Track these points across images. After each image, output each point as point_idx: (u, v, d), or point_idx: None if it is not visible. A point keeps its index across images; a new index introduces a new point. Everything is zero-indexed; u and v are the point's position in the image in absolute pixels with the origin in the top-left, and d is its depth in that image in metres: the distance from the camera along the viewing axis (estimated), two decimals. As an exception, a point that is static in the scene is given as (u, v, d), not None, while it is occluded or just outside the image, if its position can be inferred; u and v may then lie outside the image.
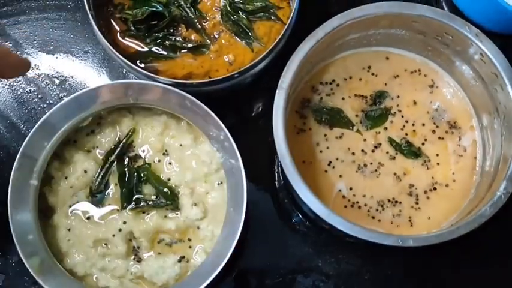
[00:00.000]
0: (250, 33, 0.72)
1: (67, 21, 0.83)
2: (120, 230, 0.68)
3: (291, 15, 0.69)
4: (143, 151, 0.71)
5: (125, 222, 0.69)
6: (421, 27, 0.70)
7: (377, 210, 0.71)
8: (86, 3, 0.69)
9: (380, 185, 0.72)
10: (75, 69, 0.82)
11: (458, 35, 0.68)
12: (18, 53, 0.82)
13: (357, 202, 0.71)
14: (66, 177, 0.70)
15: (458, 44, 0.69)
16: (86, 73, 0.82)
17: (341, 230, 0.61)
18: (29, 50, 0.82)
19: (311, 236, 0.76)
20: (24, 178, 0.66)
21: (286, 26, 0.68)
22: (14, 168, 0.65)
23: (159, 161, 0.71)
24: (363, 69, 0.75)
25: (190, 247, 0.69)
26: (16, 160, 0.65)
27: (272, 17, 0.73)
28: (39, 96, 0.81)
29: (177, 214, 0.69)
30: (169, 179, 0.70)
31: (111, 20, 0.73)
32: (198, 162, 0.70)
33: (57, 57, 0.82)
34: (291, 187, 0.64)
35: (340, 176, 0.72)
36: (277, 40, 0.67)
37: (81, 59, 0.82)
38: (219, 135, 0.66)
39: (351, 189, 0.72)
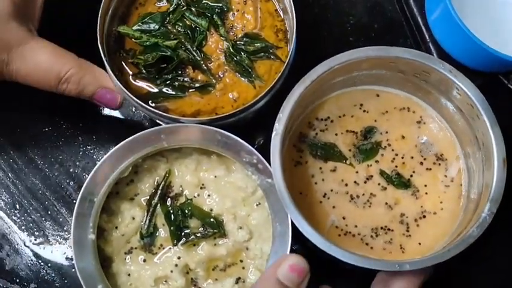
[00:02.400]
0: (251, 72, 0.77)
1: None
2: (176, 265, 0.73)
3: (289, 55, 0.74)
4: (182, 189, 0.76)
5: (179, 257, 0.74)
6: (400, 67, 0.75)
7: (371, 236, 0.75)
8: (100, 49, 0.73)
9: (372, 214, 0.75)
10: (88, 108, 0.84)
11: (434, 71, 0.72)
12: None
13: (350, 232, 0.75)
14: (116, 227, 0.74)
15: (435, 79, 0.74)
16: (98, 111, 0.86)
17: (338, 259, 0.65)
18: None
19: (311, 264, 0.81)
20: (83, 234, 0.71)
21: (285, 65, 0.73)
22: (73, 226, 0.70)
23: (198, 195, 0.76)
24: (354, 106, 0.80)
25: (243, 268, 0.74)
26: (73, 218, 0.70)
27: (272, 57, 0.78)
28: (55, 134, 0.85)
29: (226, 240, 0.75)
30: (211, 210, 0.75)
31: (124, 64, 0.78)
32: (234, 189, 0.75)
33: (71, 97, 0.85)
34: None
35: (334, 207, 0.76)
36: (276, 79, 0.73)
37: (95, 99, 0.86)
38: (252, 159, 0.72)
39: (344, 218, 0.76)
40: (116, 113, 0.86)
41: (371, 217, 0.76)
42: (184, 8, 0.79)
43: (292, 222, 0.69)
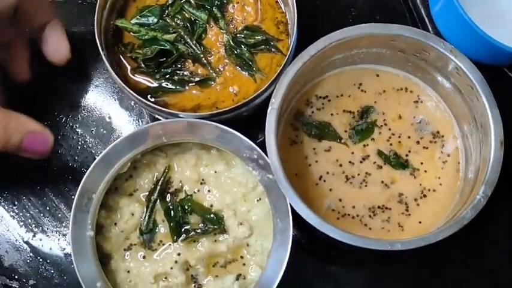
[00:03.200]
0: (252, 65, 0.76)
1: (79, 57, 0.84)
2: (176, 261, 0.72)
3: (290, 48, 0.73)
4: (182, 185, 0.75)
5: (179, 254, 0.73)
6: (400, 45, 0.74)
7: (370, 216, 0.75)
8: (98, 43, 0.73)
9: (368, 193, 0.75)
10: (87, 102, 0.85)
11: (434, 51, 0.72)
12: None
13: (348, 214, 0.75)
14: (115, 224, 0.73)
15: (436, 59, 0.73)
16: (96, 105, 0.85)
17: (333, 238, 0.65)
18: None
19: (307, 246, 0.81)
20: (81, 231, 0.70)
21: (286, 58, 0.72)
22: (71, 222, 0.69)
23: (198, 190, 0.75)
24: (354, 85, 0.79)
25: (244, 264, 0.74)
26: (72, 214, 0.69)
27: (272, 49, 0.77)
28: (53, 128, 0.83)
29: (226, 236, 0.74)
30: (211, 205, 0.74)
31: (122, 59, 0.77)
32: (234, 184, 0.74)
33: (70, 91, 0.86)
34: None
35: (331, 189, 0.75)
36: (278, 72, 0.72)
37: (93, 92, 0.86)
38: (252, 155, 0.71)
39: (340, 200, 0.75)
40: (114, 108, 0.85)
41: (367, 196, 0.75)
42: (183, 0, 0.78)
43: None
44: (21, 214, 0.81)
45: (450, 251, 0.77)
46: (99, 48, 0.72)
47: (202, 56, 0.76)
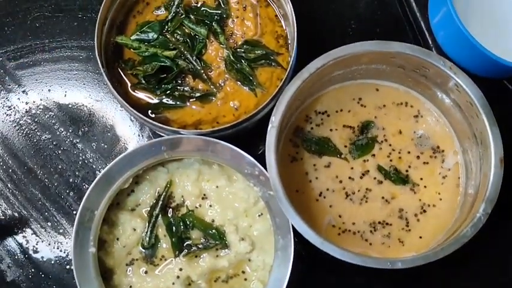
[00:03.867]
0: (253, 80, 0.76)
1: (79, 71, 0.87)
2: (178, 277, 0.73)
3: (290, 63, 0.73)
4: (183, 200, 0.75)
5: (181, 269, 0.73)
6: (400, 62, 0.74)
7: (370, 232, 0.75)
8: (98, 60, 0.73)
9: (369, 209, 0.75)
10: (87, 117, 0.86)
11: (434, 68, 0.72)
12: (33, 101, 0.86)
13: (349, 230, 0.75)
14: (117, 239, 0.74)
15: (435, 76, 0.73)
16: (98, 120, 0.86)
17: (333, 256, 0.65)
18: (44, 99, 0.86)
19: (308, 260, 0.80)
20: (83, 247, 0.70)
21: (286, 73, 0.72)
22: (73, 238, 0.70)
23: (200, 205, 0.75)
24: (353, 100, 0.79)
25: (245, 279, 0.74)
26: (74, 231, 0.70)
27: (273, 63, 0.77)
28: (54, 142, 0.85)
29: (227, 251, 0.74)
30: (213, 220, 0.75)
31: (122, 75, 0.77)
32: (236, 200, 0.75)
33: (70, 106, 0.86)
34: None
35: (331, 206, 0.75)
36: (279, 87, 0.72)
37: (93, 106, 0.86)
38: (253, 171, 0.71)
39: (340, 216, 0.75)
40: (115, 123, 0.85)
41: (367, 212, 0.75)
42: (183, 15, 0.78)
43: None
44: (23, 229, 0.82)
45: (449, 264, 0.77)
46: (100, 65, 0.73)
47: (202, 71, 0.76)
